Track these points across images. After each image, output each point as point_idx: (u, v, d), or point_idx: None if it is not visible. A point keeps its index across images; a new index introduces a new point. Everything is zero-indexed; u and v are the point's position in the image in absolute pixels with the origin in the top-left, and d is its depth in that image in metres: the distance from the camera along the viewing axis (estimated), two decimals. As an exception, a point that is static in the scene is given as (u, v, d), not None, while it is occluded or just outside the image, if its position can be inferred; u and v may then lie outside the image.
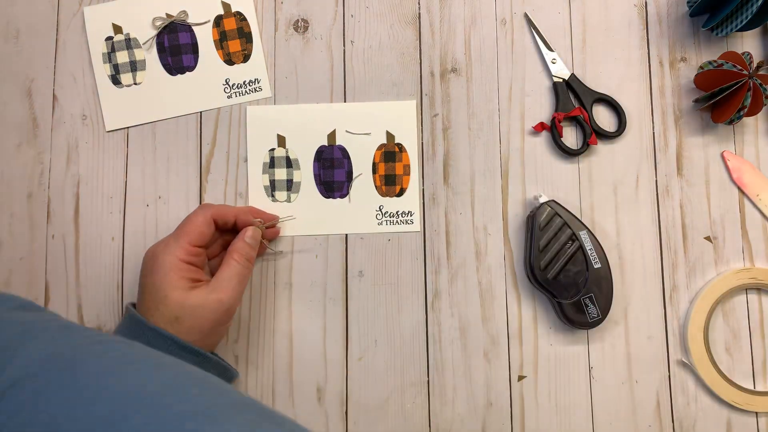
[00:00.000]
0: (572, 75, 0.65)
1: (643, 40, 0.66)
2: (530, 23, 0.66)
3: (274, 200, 0.64)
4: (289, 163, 0.64)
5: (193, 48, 0.66)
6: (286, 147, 0.65)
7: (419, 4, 0.67)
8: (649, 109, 0.65)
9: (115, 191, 0.64)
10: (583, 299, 0.59)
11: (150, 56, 0.66)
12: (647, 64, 0.66)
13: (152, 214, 0.64)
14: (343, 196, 0.64)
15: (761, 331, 0.63)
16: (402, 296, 0.63)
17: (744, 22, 0.60)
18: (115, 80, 0.65)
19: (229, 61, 0.66)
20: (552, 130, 0.64)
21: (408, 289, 0.63)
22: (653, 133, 0.65)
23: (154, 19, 0.66)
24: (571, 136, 0.65)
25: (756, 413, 0.61)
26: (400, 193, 0.64)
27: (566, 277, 0.60)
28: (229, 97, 0.65)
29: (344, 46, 0.66)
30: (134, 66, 0.65)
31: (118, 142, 0.65)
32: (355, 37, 0.66)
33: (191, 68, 0.66)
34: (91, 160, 0.64)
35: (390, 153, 0.65)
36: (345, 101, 0.65)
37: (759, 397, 0.61)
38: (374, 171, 0.65)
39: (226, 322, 0.55)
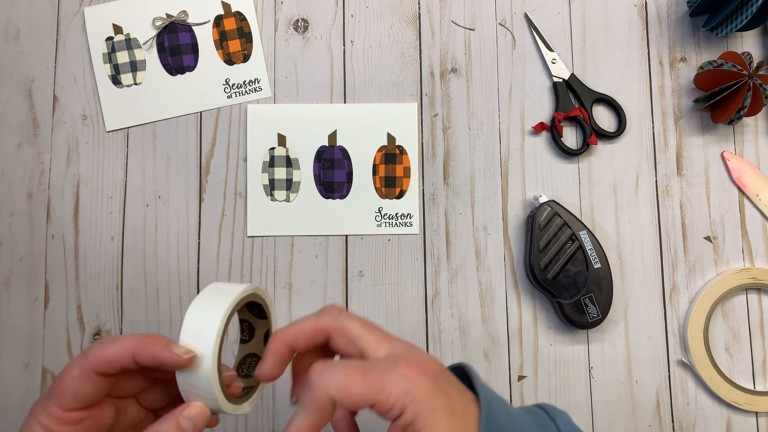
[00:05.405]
0: (572, 75, 0.65)
1: (643, 40, 0.66)
2: (530, 23, 0.66)
3: (273, 199, 0.64)
4: (289, 163, 0.64)
5: (193, 48, 0.66)
6: (287, 146, 0.65)
7: (419, 4, 0.67)
8: (649, 109, 0.65)
9: (115, 191, 0.64)
10: (583, 299, 0.59)
11: (150, 56, 0.66)
12: (647, 64, 0.66)
13: (152, 213, 0.64)
14: (342, 196, 0.64)
15: (761, 331, 0.63)
16: (402, 296, 0.63)
17: (744, 22, 0.60)
18: (116, 80, 0.65)
19: (229, 61, 0.66)
20: (552, 130, 0.64)
21: (408, 289, 0.63)
22: (653, 133, 0.65)
23: (155, 19, 0.66)
24: (571, 136, 0.65)
25: (756, 413, 0.61)
26: (400, 195, 0.64)
27: (566, 277, 0.60)
28: (229, 97, 0.65)
29: (344, 46, 0.66)
30: (134, 66, 0.65)
31: (118, 142, 0.65)
32: (355, 37, 0.66)
33: (191, 68, 0.66)
34: (91, 160, 0.64)
35: (390, 155, 0.65)
36: (345, 101, 0.65)
37: (759, 397, 0.61)
38: (374, 173, 0.65)
39: None
